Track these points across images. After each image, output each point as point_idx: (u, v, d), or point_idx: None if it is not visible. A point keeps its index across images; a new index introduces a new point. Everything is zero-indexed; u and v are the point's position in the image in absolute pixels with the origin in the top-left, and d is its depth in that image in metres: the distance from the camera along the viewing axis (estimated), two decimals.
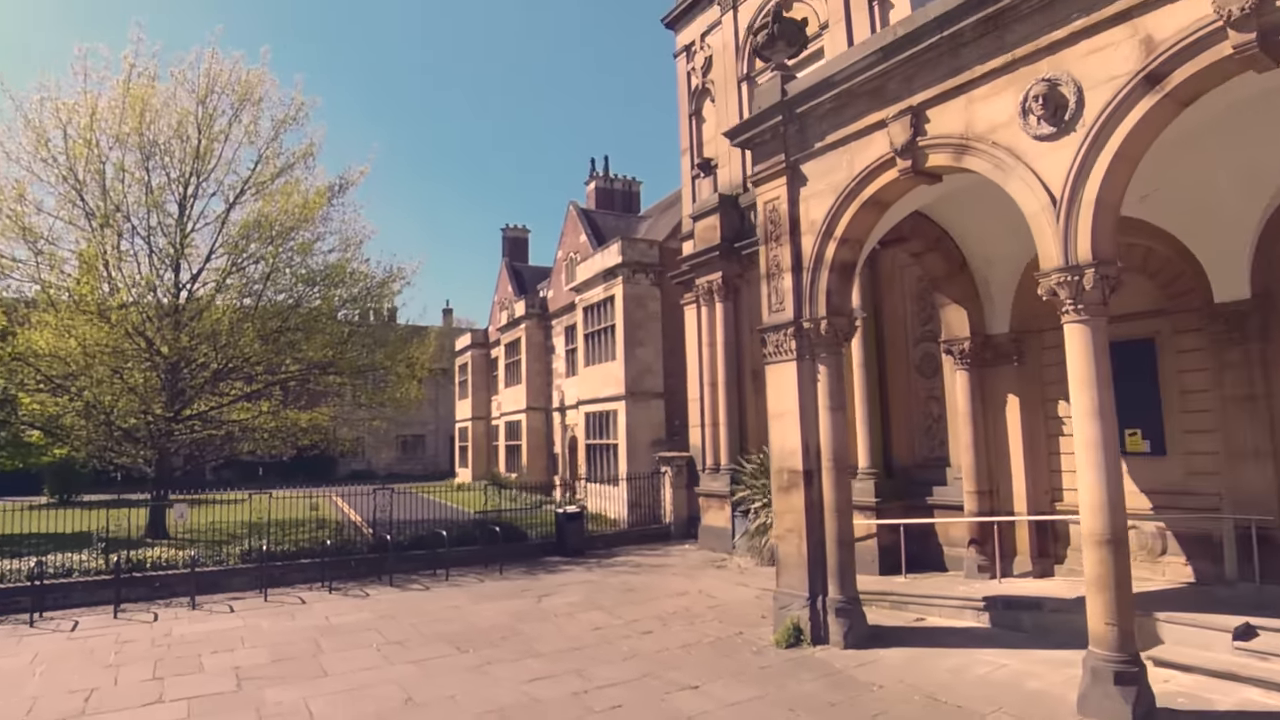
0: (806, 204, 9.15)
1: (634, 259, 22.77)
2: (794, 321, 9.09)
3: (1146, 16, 6.08)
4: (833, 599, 8.87)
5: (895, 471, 13.00)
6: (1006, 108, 7.02)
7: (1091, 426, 6.53)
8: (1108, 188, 6.42)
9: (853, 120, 8.52)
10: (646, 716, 6.87)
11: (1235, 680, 7.06)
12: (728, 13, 18.08)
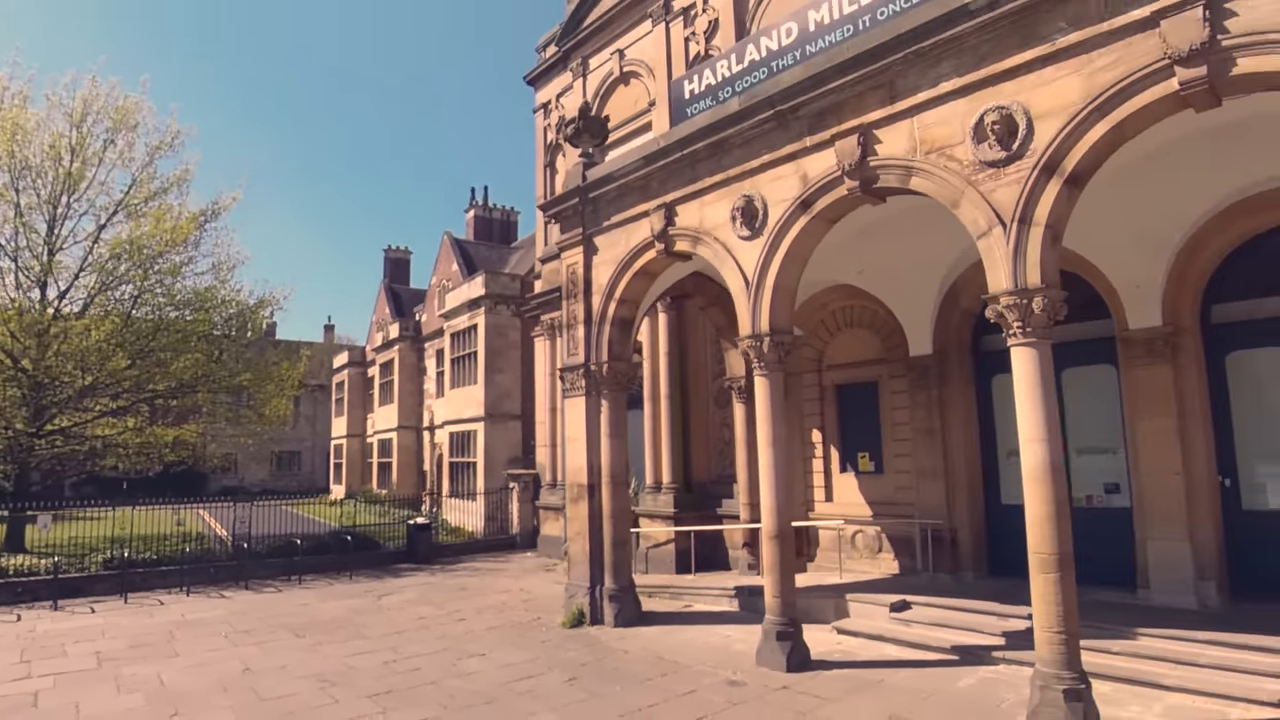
0: (596, 270, 11.40)
1: (497, 291, 24.71)
2: (584, 364, 11.29)
3: (804, 160, 8.58)
4: (608, 588, 11.03)
5: (694, 486, 15.39)
6: (723, 212, 9.43)
7: (768, 453, 8.92)
8: (783, 276, 8.87)
9: (628, 207, 10.83)
10: (435, 674, 8.80)
11: (883, 640, 9.58)
12: (579, 79, 20.35)
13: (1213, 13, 5.74)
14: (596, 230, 11.45)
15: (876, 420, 12.84)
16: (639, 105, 18.23)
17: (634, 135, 17.88)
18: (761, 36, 10.21)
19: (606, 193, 11.13)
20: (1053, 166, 6.54)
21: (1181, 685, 7.25)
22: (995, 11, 6.79)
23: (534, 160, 22.32)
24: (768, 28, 10.41)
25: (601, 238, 11.37)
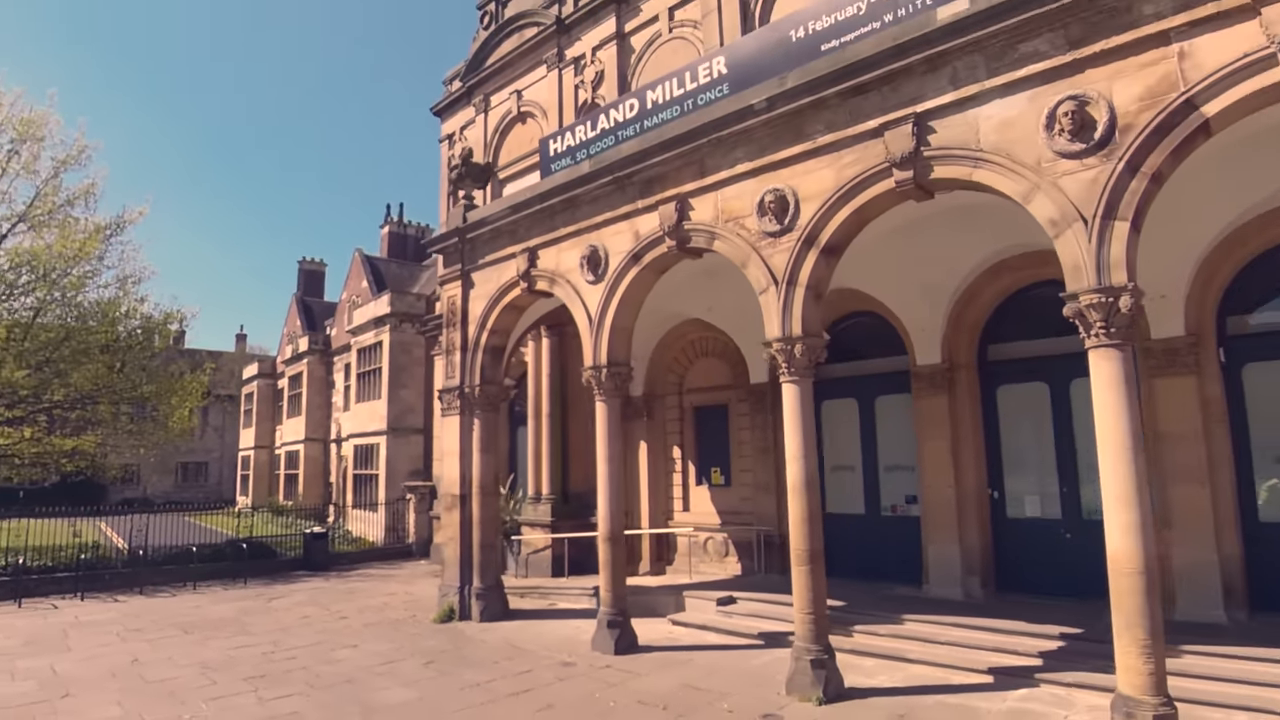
0: (472, 303, 12.73)
1: (402, 310, 25.70)
2: (459, 387, 12.59)
3: (637, 219, 10.11)
4: (476, 587, 12.31)
5: (571, 497, 16.76)
6: (574, 259, 10.90)
7: (604, 468, 10.38)
8: (619, 317, 10.37)
9: (500, 249, 12.21)
10: (308, 662, 9.94)
11: (707, 630, 11.12)
12: (481, 114, 21.65)
13: (919, 130, 7.47)
14: (473, 267, 12.79)
15: (727, 439, 14.49)
16: (533, 144, 19.58)
17: (529, 171, 19.29)
18: (610, 109, 11.78)
19: (482, 234, 12.49)
20: (813, 239, 8.21)
21: (922, 659, 8.96)
22: (773, 112, 8.44)
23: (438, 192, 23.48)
24: (615, 101, 11.99)
25: (477, 274, 12.72)
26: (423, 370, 25.74)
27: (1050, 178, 6.62)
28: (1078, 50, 6.57)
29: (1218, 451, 9.24)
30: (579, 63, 18.43)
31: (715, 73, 10.11)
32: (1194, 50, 6.06)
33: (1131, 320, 6.27)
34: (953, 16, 7.17)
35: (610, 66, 17.55)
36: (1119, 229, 6.26)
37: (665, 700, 7.95)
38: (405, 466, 24.90)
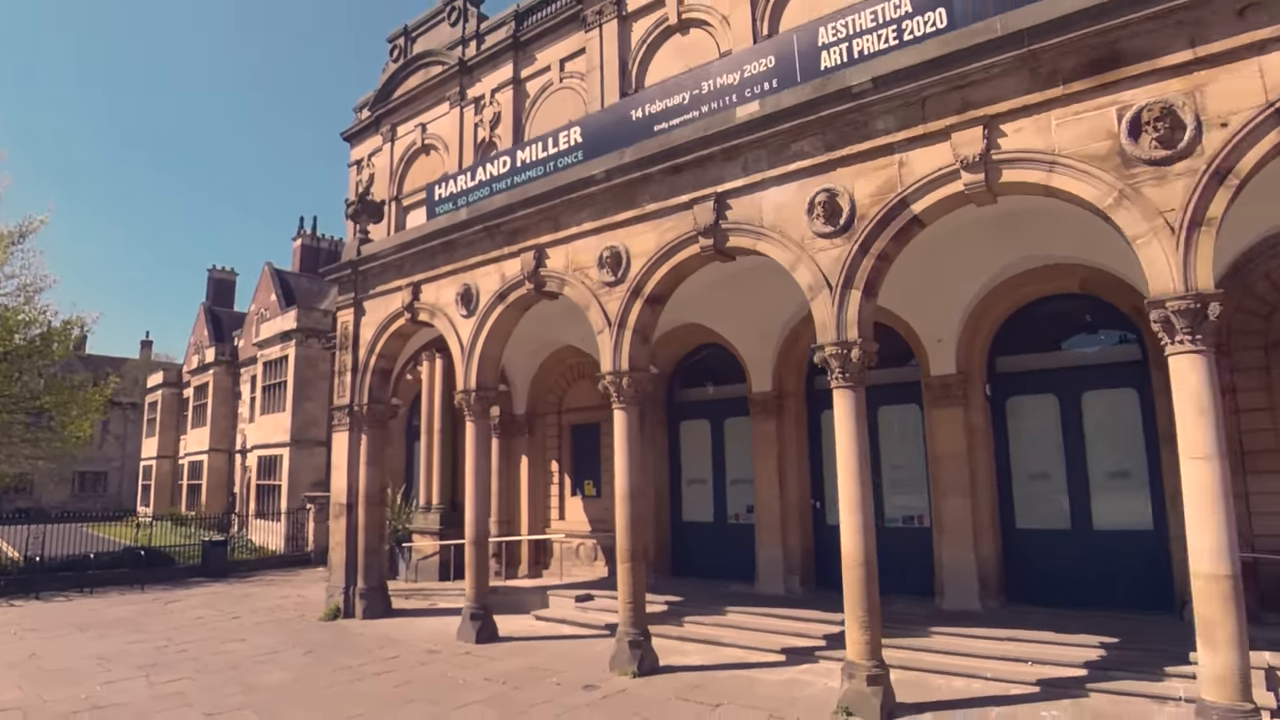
0: (363, 329, 13.98)
1: (309, 325, 26.52)
2: (349, 405, 13.81)
3: (503, 264, 11.60)
4: (360, 588, 13.51)
5: (459, 506, 17.96)
6: (451, 295, 12.31)
7: (470, 480, 11.79)
8: (488, 347, 11.82)
9: (388, 282, 13.53)
10: (197, 653, 11.02)
11: (564, 623, 12.60)
12: (388, 143, 22.81)
13: (719, 206, 9.18)
14: (365, 296, 14.05)
15: (599, 454, 16.02)
16: (436, 174, 20.89)
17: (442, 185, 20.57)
18: (487, 163, 13.27)
19: (373, 268, 13.78)
20: (639, 290, 9.84)
21: (733, 643, 10.61)
22: (611, 182, 10.06)
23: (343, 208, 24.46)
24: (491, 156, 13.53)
25: (369, 303, 13.99)
26: (327, 385, 26.48)
27: (810, 252, 8.39)
28: (832, 153, 8.37)
29: (981, 470, 11.22)
30: (479, 102, 19.84)
31: (572, 140, 11.70)
32: (909, 160, 7.91)
33: (862, 367, 8.07)
34: (746, 116, 8.91)
35: (507, 109, 19.03)
36: (854, 295, 8.06)
37: (507, 677, 9.39)
38: (308, 477, 25.69)
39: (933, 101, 7.67)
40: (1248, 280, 9.65)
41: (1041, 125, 7.13)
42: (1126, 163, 6.69)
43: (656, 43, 15.94)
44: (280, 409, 26.57)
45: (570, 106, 17.55)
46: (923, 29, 8.40)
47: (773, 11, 14.15)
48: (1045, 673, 8.40)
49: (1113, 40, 6.81)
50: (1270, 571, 9.23)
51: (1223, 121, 6.33)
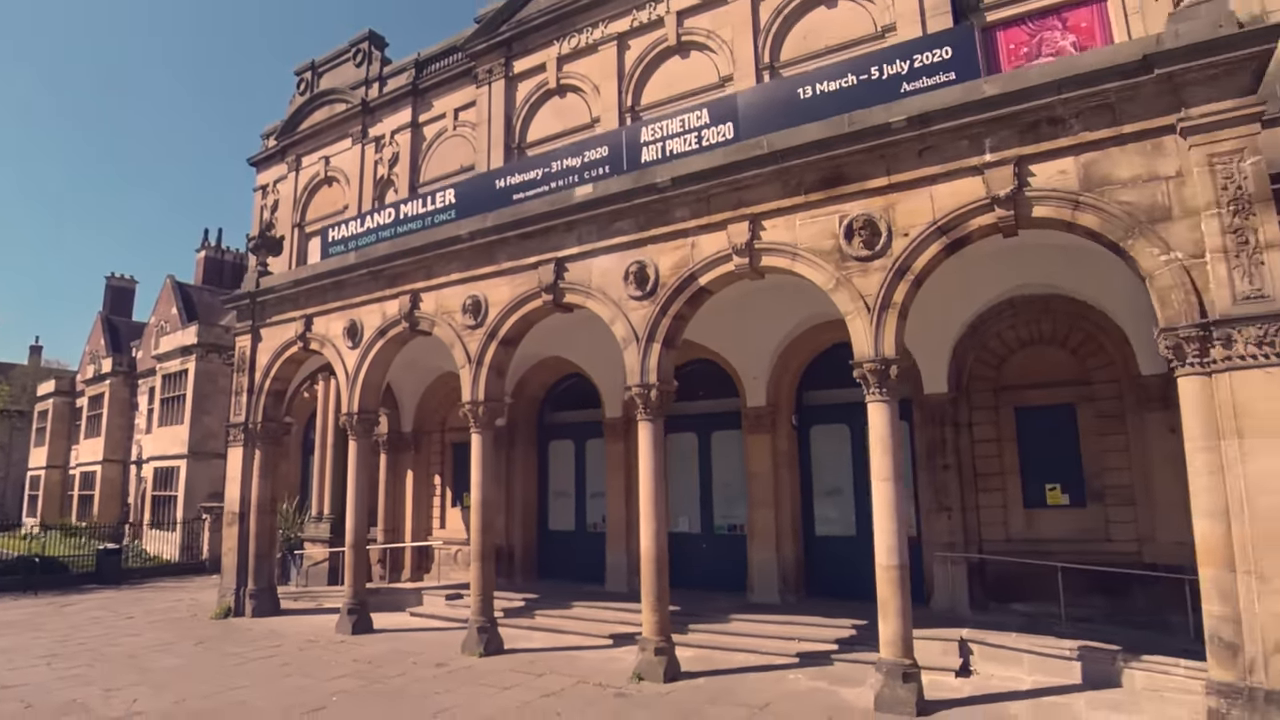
0: (260, 354, 15.44)
1: (210, 341, 27.38)
2: (244, 423, 15.24)
3: (384, 304, 13.33)
4: (250, 589, 14.91)
5: None
6: (339, 328, 13.95)
7: (351, 492, 13.42)
8: (370, 375, 13.52)
9: (283, 313, 15.05)
10: (96, 646, 12.31)
11: (434, 618, 14.30)
12: (293, 172, 24.09)
13: (558, 268, 11.17)
14: (262, 324, 15.52)
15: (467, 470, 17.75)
16: (338, 205, 22.39)
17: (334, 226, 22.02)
18: (375, 212, 15.01)
19: (270, 299, 15.28)
20: (495, 333, 11.76)
21: (572, 630, 12.54)
22: (474, 241, 11.96)
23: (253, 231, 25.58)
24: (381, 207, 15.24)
25: (265, 330, 15.46)
26: (226, 399, 27.18)
27: (626, 310, 10.47)
28: (643, 232, 10.48)
29: (785, 486, 13.50)
30: (379, 141, 21.45)
31: (448, 200, 13.56)
32: (699, 243, 10.07)
33: (661, 405, 10.18)
34: (582, 197, 10.96)
35: (405, 150, 20.72)
36: (655, 347, 10.17)
37: (372, 659, 11.10)
38: (205, 489, 26.48)
39: (716, 199, 9.87)
40: (983, 338, 12.21)
41: (790, 224, 9.39)
42: (843, 258, 8.98)
43: (539, 103, 17.95)
44: (179, 421, 27.29)
45: (462, 152, 19.42)
46: (714, 139, 10.63)
47: (635, 86, 16.34)
48: (806, 648, 10.63)
49: (839, 164, 9.12)
50: (994, 568, 11.73)
51: (905, 232, 8.67)
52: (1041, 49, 12.69)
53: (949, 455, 12.00)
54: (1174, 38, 7.38)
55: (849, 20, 14.14)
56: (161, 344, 29.28)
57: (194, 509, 25.67)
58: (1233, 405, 6.97)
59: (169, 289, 33.59)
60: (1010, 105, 8.10)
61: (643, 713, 8.39)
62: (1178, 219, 7.39)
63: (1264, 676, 6.65)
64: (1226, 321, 7.01)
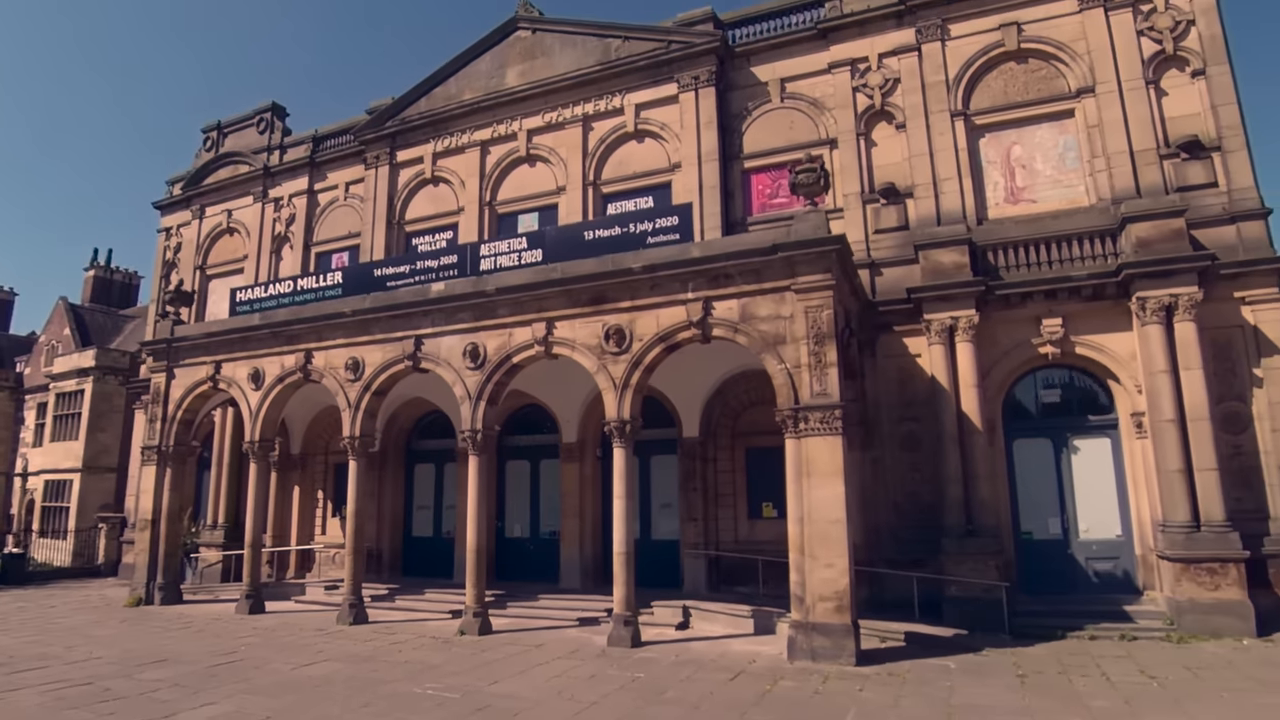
0: (173, 389, 18.91)
1: (107, 364, 29.92)
2: (158, 445, 18.67)
3: (283, 357, 17.19)
4: (159, 583, 18.32)
5: (240, 524, 22.85)
6: (245, 373, 17.66)
7: (251, 505, 17.17)
8: (270, 412, 17.31)
9: (196, 357, 18.60)
10: (38, 624, 15.58)
11: (316, 604, 18.09)
12: (197, 219, 27.23)
13: (418, 343, 15.40)
14: (176, 364, 19.00)
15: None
16: (238, 253, 25.80)
17: (233, 274, 25.45)
18: (276, 283, 18.82)
19: (184, 346, 18.80)
20: (369, 385, 15.85)
21: (423, 609, 16.65)
22: (356, 317, 16.03)
23: (152, 268, 28.49)
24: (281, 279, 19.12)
25: (179, 369, 18.95)
26: (121, 417, 30.03)
27: (464, 376, 14.81)
28: (477, 323, 14.86)
29: (589, 502, 18.07)
30: (279, 202, 25.07)
31: (336, 279, 17.60)
32: (514, 334, 14.53)
33: (486, 444, 14.56)
34: (436, 293, 15.24)
35: (301, 212, 24.42)
36: (483, 404, 14.56)
37: (268, 629, 14.94)
38: (97, 500, 28.99)
39: (525, 304, 14.36)
40: (725, 397, 17.16)
41: (573, 326, 13.98)
42: (603, 351, 13.61)
43: (416, 188, 22.16)
44: (73, 437, 29.64)
45: (351, 220, 23.36)
46: (530, 260, 15.18)
47: (493, 184, 20.79)
48: (586, 615, 15.12)
49: (602, 290, 13.76)
50: (726, 561, 16.58)
51: (640, 338, 13.37)
52: (779, 190, 17.87)
53: (698, 481, 16.89)
54: (789, 235, 12.38)
55: (651, 155, 19.05)
56: (56, 364, 31.47)
57: (88, 519, 28.16)
58: (808, 458, 11.93)
59: (61, 310, 35.51)
60: (704, 264, 12.94)
61: (457, 649, 12.67)
62: (789, 343, 12.34)
63: (814, 616, 11.55)
64: (806, 408, 11.97)
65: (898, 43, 17.10)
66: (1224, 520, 12.71)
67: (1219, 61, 14.75)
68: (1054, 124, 15.83)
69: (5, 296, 47.38)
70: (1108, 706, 8.78)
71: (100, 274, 42.05)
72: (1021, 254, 14.95)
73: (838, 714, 8.65)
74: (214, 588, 20.66)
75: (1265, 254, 13.74)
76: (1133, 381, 14.13)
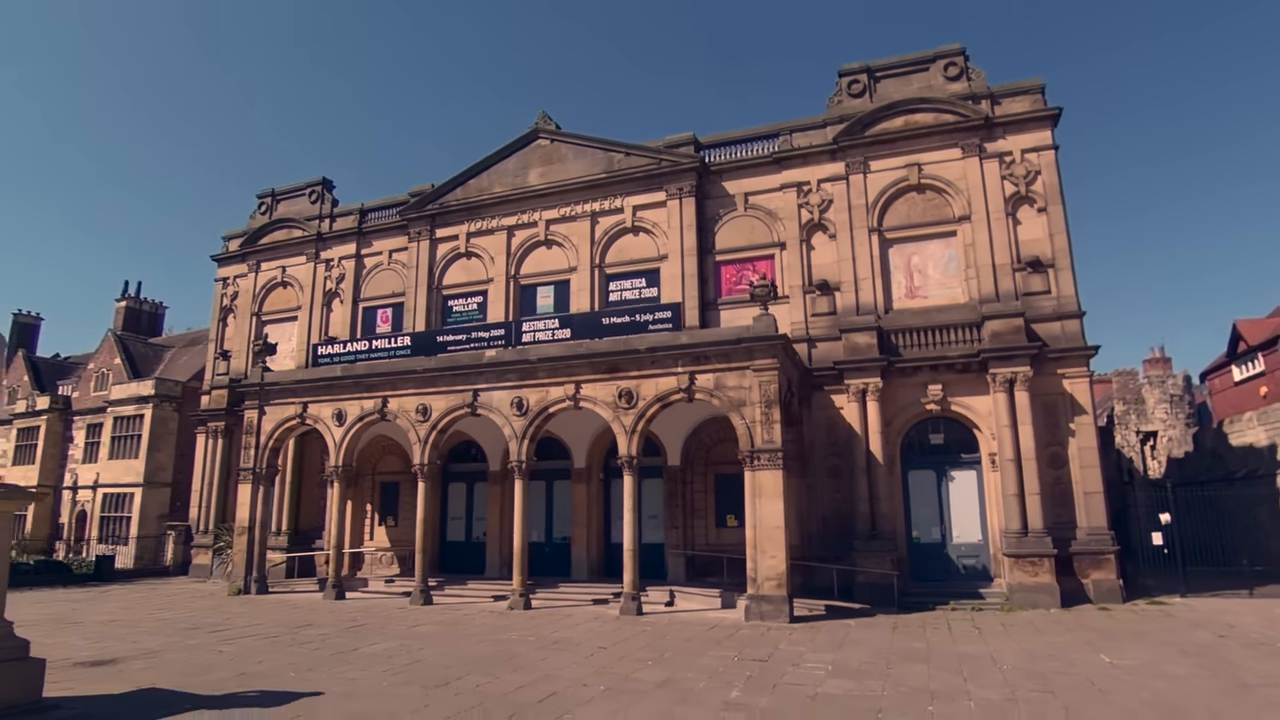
0: (264, 423, 23.91)
1: (163, 393, 34.60)
2: (253, 468, 23.66)
3: (362, 401, 22.37)
4: (254, 577, 23.26)
5: (301, 531, 27.86)
6: (330, 413, 22.75)
7: (333, 515, 22.29)
8: (350, 444, 22.44)
9: (285, 399, 23.65)
10: (179, 610, 20.50)
11: (380, 594, 23.17)
12: (253, 273, 32.17)
13: (475, 396, 20.72)
14: (267, 403, 24.01)
15: (396, 500, 26.76)
16: (291, 303, 30.80)
17: (286, 320, 30.46)
18: (354, 341, 23.97)
19: (274, 389, 23.83)
20: (435, 425, 21.11)
21: (470, 595, 21.87)
22: (424, 372, 21.29)
23: (210, 311, 33.30)
24: (357, 339, 24.27)
25: (269, 408, 23.96)
26: (175, 438, 34.73)
27: (512, 420, 20.12)
28: (521, 381, 20.20)
29: (594, 514, 23.45)
30: (329, 263, 30.17)
31: (403, 342, 22.84)
32: (550, 391, 19.89)
33: (527, 470, 19.88)
34: (488, 359, 20.57)
35: (350, 273, 29.56)
36: (526, 442, 19.89)
37: (360, 610, 20.03)
38: (155, 511, 33.60)
39: (559, 370, 19.75)
40: (700, 436, 22.68)
41: (595, 387, 19.40)
42: (617, 407, 19.04)
43: (452, 259, 27.45)
44: (133, 455, 34.22)
45: (394, 282, 28.57)
46: (560, 336, 20.59)
47: (518, 261, 26.20)
48: (597, 597, 20.43)
49: (616, 363, 19.22)
50: (699, 559, 22.07)
51: (644, 398, 18.84)
52: (742, 279, 23.52)
53: (679, 499, 22.40)
54: (749, 331, 17.98)
55: (644, 246, 24.63)
56: (114, 390, 36.03)
57: (148, 528, 32.77)
58: (758, 483, 17.45)
59: (111, 341, 40.00)
60: (690, 349, 18.48)
61: (513, 617, 17.90)
62: (748, 405, 17.89)
63: (762, 590, 17.03)
64: (759, 450, 17.50)
65: (832, 172, 22.92)
66: (1043, 529, 18.56)
67: (1055, 202, 20.75)
68: (942, 240, 21.71)
69: (31, 321, 51.41)
70: (940, 638, 14.43)
71: (131, 304, 46.47)
72: (915, 337, 20.76)
73: (775, 644, 14.14)
74: (284, 583, 25.62)
75: (1078, 344, 19.69)
76: (990, 431, 19.94)
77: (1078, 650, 13.16)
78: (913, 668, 11.88)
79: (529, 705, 9.76)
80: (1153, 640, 13.97)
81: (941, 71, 22.47)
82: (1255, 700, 9.69)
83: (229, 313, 32.63)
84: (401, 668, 12.17)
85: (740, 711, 9.37)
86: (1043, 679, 10.97)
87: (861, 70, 23.24)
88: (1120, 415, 39.94)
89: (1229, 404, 34.08)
